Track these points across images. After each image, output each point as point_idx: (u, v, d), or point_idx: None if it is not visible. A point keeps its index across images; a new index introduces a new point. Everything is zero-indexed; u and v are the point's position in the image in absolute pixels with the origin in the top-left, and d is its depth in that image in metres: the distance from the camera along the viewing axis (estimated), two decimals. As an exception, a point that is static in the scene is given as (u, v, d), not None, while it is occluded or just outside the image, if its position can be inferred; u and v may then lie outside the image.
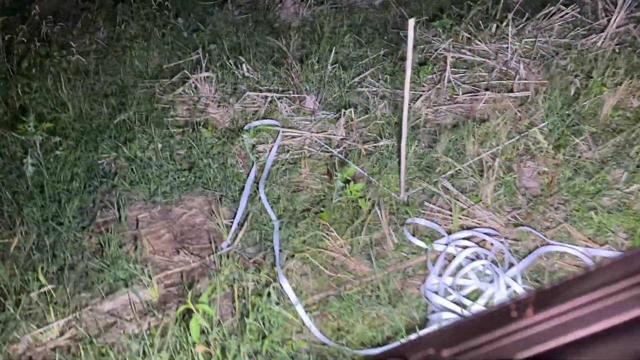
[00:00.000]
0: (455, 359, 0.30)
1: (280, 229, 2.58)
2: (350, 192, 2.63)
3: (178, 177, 2.93)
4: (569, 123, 3.25)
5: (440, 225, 2.61)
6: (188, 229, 2.70)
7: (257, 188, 2.84)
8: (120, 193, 2.85)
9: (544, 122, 3.28)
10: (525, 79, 3.74)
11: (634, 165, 2.92)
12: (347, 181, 2.66)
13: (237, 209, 2.73)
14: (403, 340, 0.34)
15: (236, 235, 2.60)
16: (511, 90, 3.58)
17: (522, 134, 3.20)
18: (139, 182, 2.89)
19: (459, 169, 2.95)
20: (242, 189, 2.87)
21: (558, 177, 2.88)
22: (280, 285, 2.24)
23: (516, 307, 0.29)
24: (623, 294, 0.26)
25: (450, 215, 2.67)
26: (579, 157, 3.04)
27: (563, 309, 0.27)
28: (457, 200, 2.76)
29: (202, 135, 3.18)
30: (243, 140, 3.11)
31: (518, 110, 3.40)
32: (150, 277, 2.30)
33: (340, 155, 3.09)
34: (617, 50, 3.84)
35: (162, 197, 2.84)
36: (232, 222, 2.67)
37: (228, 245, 2.55)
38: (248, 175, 2.96)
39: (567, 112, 3.32)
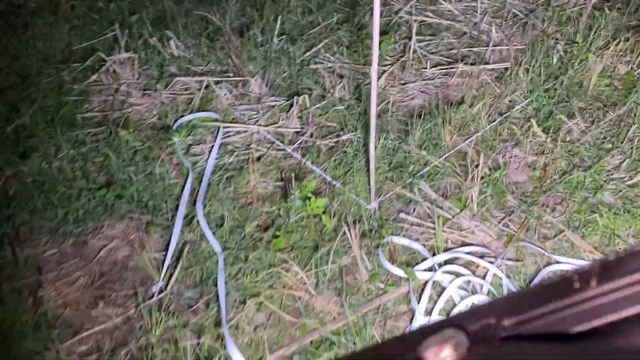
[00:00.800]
0: (517, 328, 0.29)
1: (225, 264, 2.05)
2: (312, 208, 2.12)
3: (93, 197, 2.34)
4: (557, 99, 2.81)
5: (422, 243, 2.15)
6: (109, 268, 2.14)
7: (195, 205, 2.29)
8: (17, 225, 2.23)
9: (527, 99, 2.83)
10: (499, 45, 3.26)
11: (634, 149, 2.53)
12: (306, 197, 2.14)
13: (170, 238, 2.18)
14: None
15: (170, 275, 2.07)
16: (487, 63, 3.09)
17: (504, 115, 2.74)
18: (43, 209, 2.28)
19: (437, 165, 2.47)
20: (177, 207, 2.31)
21: (552, 168, 2.46)
22: (230, 355, 1.74)
23: (579, 278, 0.27)
24: None
25: (433, 228, 2.21)
26: (571, 141, 2.62)
27: (627, 282, 0.26)
28: (439, 207, 2.30)
29: (121, 137, 2.56)
30: (173, 143, 2.52)
31: (497, 86, 2.93)
32: (57, 349, 1.76)
33: (296, 155, 2.55)
34: (598, 7, 3.39)
35: (74, 226, 2.25)
36: (164, 256, 2.13)
37: (160, 290, 2.02)
38: (183, 187, 2.40)
39: (553, 85, 2.88)
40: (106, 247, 2.21)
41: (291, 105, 2.77)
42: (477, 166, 2.38)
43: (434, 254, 2.10)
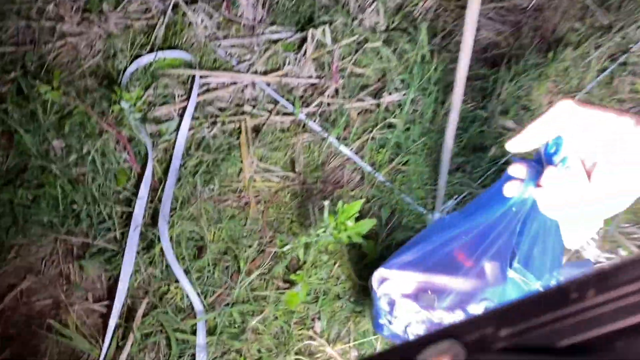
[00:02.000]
0: (514, 339, 0.28)
1: (210, 337, 1.24)
2: (348, 237, 1.26)
3: (-6, 201, 1.45)
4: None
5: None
6: (18, 330, 1.31)
7: (158, 221, 1.43)
8: None
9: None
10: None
11: None
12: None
13: (117, 276, 1.34)
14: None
15: (117, 346, 1.25)
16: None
17: (618, 62, 1.83)
18: None
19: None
20: (129, 217, 1.45)
21: None
22: None
23: (577, 288, 0.27)
24: None
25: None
26: None
27: (625, 291, 0.25)
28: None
29: (40, 95, 1.62)
30: (122, 109, 1.60)
31: (602, 13, 1.98)
32: None
33: (314, 126, 1.65)
34: None
35: (-39, 254, 1.39)
36: (105, 307, 1.31)
37: (101, 381, 1.22)
38: (138, 180, 1.52)
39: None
40: (14, 289, 1.37)
41: (302, 41, 1.82)
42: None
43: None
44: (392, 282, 1.08)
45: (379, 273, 1.10)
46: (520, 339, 0.28)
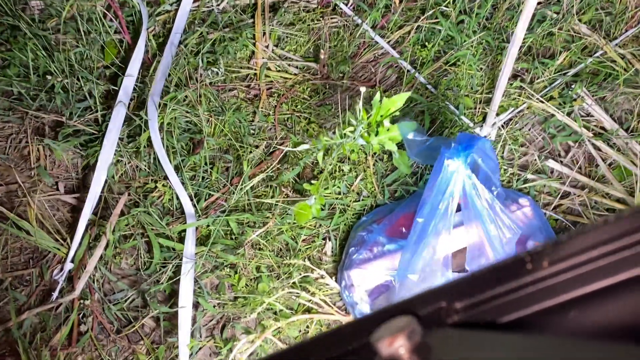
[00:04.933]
0: (469, 311, 0.28)
1: (200, 248, 1.02)
2: (380, 143, 1.00)
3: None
4: None
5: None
6: (-27, 217, 1.10)
7: (146, 96, 1.17)
8: None
9: None
10: None
11: None
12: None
13: (94, 164, 1.11)
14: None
15: (90, 246, 1.05)
16: None
17: None
18: None
19: (606, 55, 1.31)
20: (113, 99, 1.19)
21: None
22: None
23: (532, 259, 0.26)
24: None
25: (610, 197, 1.14)
26: None
27: (579, 261, 0.26)
28: (620, 150, 1.20)
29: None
30: (112, -37, 1.29)
31: None
32: None
33: (345, 8, 1.35)
34: None
35: None
36: (77, 200, 1.09)
37: (69, 277, 1.02)
38: (128, 55, 1.25)
39: None
40: (-28, 170, 1.14)
41: None
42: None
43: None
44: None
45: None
46: (475, 312, 0.28)
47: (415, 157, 1.11)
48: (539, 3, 1.37)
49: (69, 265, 1.03)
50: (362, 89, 0.90)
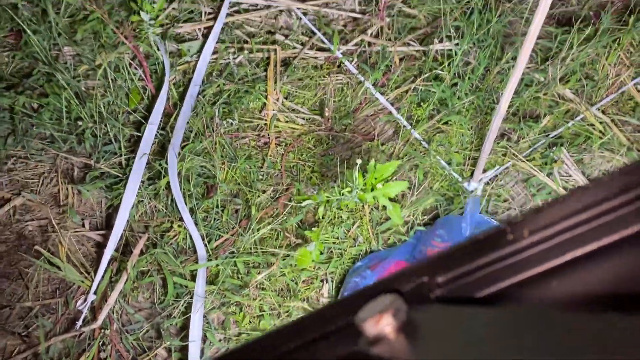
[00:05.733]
0: (451, 285, 0.28)
1: (210, 287, 1.13)
2: (374, 197, 1.13)
3: (-7, 105, 1.33)
4: None
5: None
6: (8, 248, 1.22)
7: (166, 143, 1.30)
8: None
9: None
10: None
11: None
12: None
13: (118, 206, 1.23)
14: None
15: (111, 280, 1.16)
16: None
17: None
18: None
19: (586, 119, 1.43)
20: (134, 143, 1.32)
21: None
22: None
23: (512, 229, 0.26)
24: (623, 209, 0.25)
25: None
26: None
27: (558, 229, 0.26)
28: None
29: (54, -6, 1.46)
30: (142, 21, 1.43)
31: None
32: None
33: (350, 67, 1.48)
34: None
35: (-46, 159, 1.28)
36: (101, 237, 1.21)
37: (92, 308, 1.14)
38: (152, 103, 1.38)
39: None
40: (7, 204, 1.27)
41: (350, -32, 1.61)
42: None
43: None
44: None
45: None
46: (457, 285, 0.28)
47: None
48: (527, 68, 1.50)
49: (92, 297, 1.15)
50: (358, 161, 1.02)
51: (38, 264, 1.16)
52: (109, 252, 1.17)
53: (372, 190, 1.11)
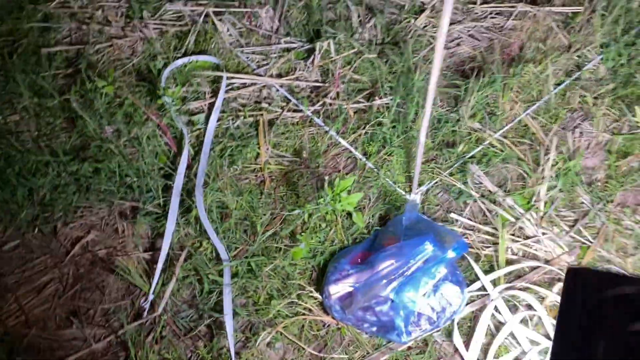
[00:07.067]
0: None
1: (233, 279, 1.63)
2: (342, 206, 1.66)
3: (64, 171, 1.84)
4: (633, 54, 2.27)
5: (474, 256, 1.73)
6: (86, 270, 1.71)
7: (195, 190, 1.81)
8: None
9: (600, 55, 2.29)
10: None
11: None
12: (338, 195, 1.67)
13: (162, 232, 1.73)
14: None
15: (163, 284, 1.65)
16: (553, 4, 2.48)
17: (573, 77, 2.21)
18: (-3, 186, 1.80)
19: (493, 143, 1.99)
20: (168, 188, 1.83)
21: (632, 151, 1.99)
22: None
23: None
24: None
25: (491, 235, 1.79)
26: (653, 115, 2.13)
27: None
28: (499, 204, 1.85)
29: (98, 89, 2.01)
30: (164, 102, 1.98)
31: (564, 35, 2.36)
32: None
33: (318, 121, 2.04)
34: None
35: (39, 210, 1.78)
36: (155, 257, 1.70)
37: (152, 305, 1.61)
38: (176, 158, 1.91)
39: (635, 39, 2.32)
40: (81, 240, 1.76)
41: (311, 51, 2.21)
42: (547, 151, 1.91)
43: (495, 285, 1.69)
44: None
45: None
46: None
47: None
48: (445, 110, 2.07)
49: (151, 297, 1.63)
50: (326, 178, 1.56)
51: (114, 277, 1.65)
52: (160, 264, 1.66)
53: (340, 201, 1.64)
